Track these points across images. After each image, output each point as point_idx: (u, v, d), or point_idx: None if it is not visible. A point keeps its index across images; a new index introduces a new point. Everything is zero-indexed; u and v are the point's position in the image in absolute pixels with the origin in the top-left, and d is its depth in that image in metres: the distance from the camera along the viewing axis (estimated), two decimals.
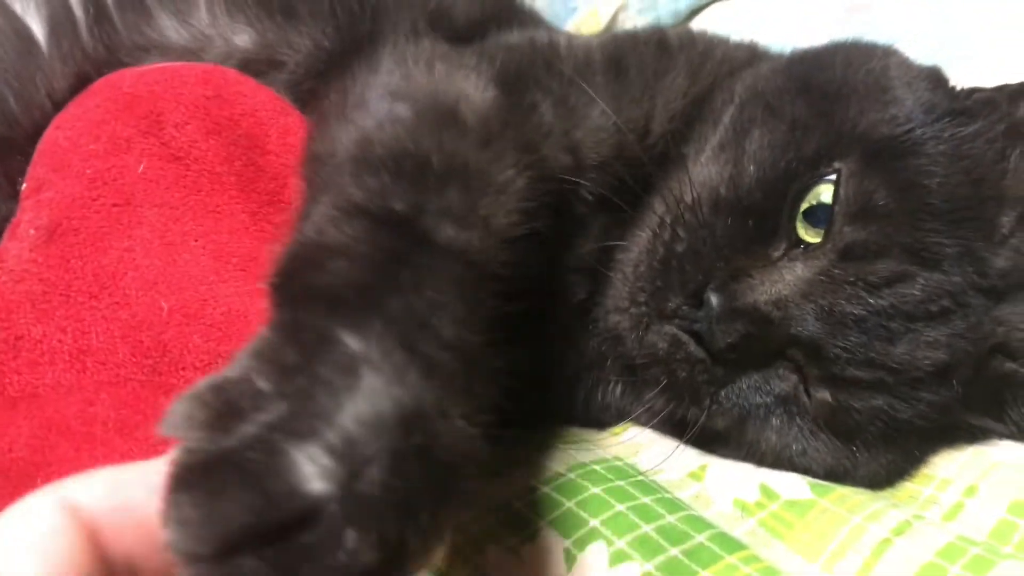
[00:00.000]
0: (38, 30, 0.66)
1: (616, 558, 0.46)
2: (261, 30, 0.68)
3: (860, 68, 0.59)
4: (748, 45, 0.74)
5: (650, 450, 0.61)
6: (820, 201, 0.53)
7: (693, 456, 0.60)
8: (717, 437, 0.59)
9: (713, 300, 0.52)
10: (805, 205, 0.54)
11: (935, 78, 0.61)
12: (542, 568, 0.46)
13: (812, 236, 0.54)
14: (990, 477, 0.55)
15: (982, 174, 0.55)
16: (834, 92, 0.57)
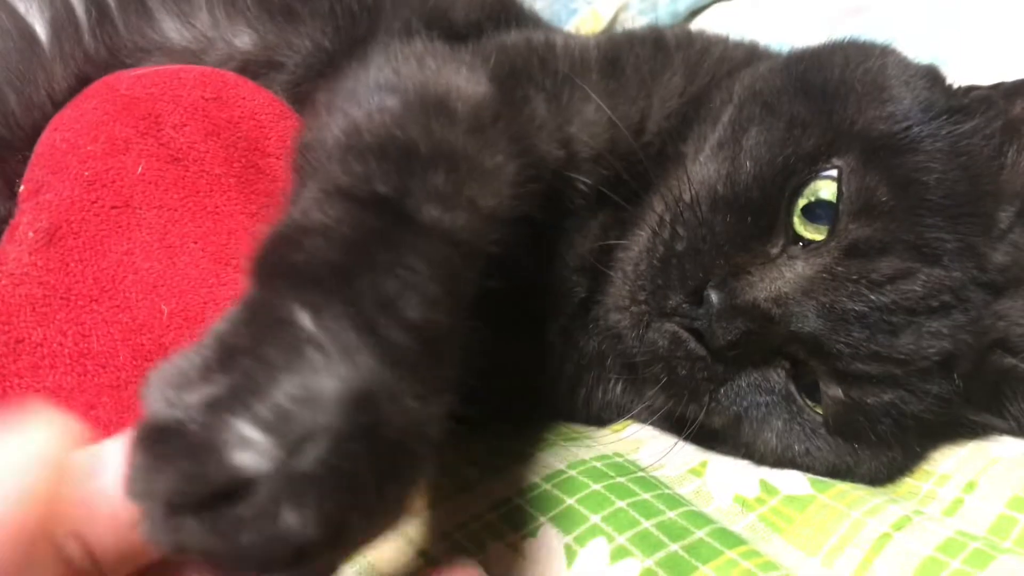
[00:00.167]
0: (40, 30, 0.66)
1: (617, 554, 0.46)
2: (262, 32, 0.68)
3: (858, 67, 0.59)
4: (747, 44, 0.74)
5: (650, 446, 0.61)
6: (819, 198, 0.54)
7: (693, 452, 0.60)
8: (716, 435, 0.59)
9: (713, 297, 0.52)
10: (803, 201, 0.54)
11: (932, 76, 0.61)
12: (543, 564, 0.46)
13: (810, 232, 0.54)
14: (989, 472, 0.55)
15: (979, 170, 0.55)
16: (832, 90, 0.57)
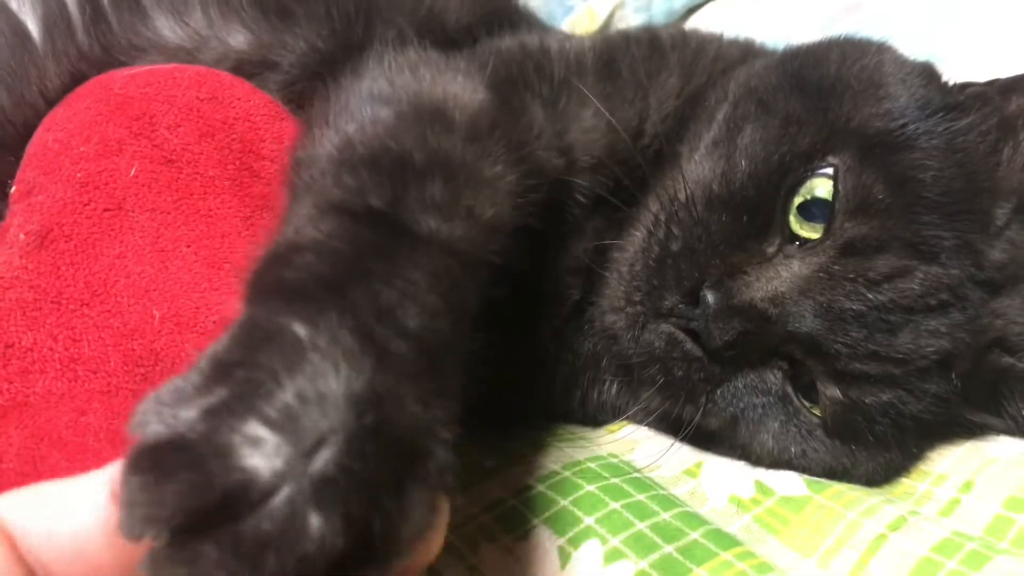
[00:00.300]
0: (33, 27, 0.65)
1: (610, 556, 0.46)
2: (256, 31, 0.68)
3: (854, 64, 0.59)
4: (743, 43, 0.74)
5: (646, 447, 0.61)
6: (815, 196, 0.53)
7: (689, 453, 0.60)
8: (712, 436, 0.58)
9: (709, 298, 0.52)
10: (799, 199, 0.54)
11: (928, 73, 0.61)
12: (536, 566, 0.46)
13: (806, 231, 0.54)
14: (986, 472, 0.55)
15: (976, 167, 0.55)
16: (828, 87, 0.57)
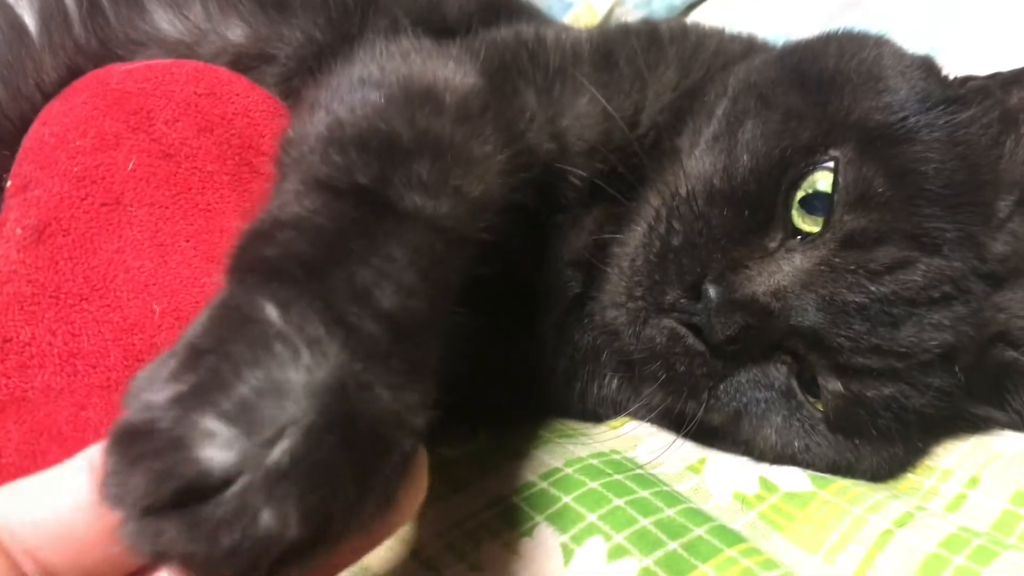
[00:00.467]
0: (30, 20, 0.65)
1: (614, 553, 0.45)
2: (254, 24, 0.68)
3: (853, 57, 0.59)
4: (744, 38, 0.74)
5: (648, 443, 0.61)
6: (816, 189, 0.53)
7: (691, 449, 0.59)
8: (715, 431, 0.58)
9: (711, 292, 0.51)
10: (801, 193, 0.53)
11: (928, 67, 0.61)
12: (539, 563, 0.46)
13: (809, 225, 0.53)
14: (992, 467, 0.55)
15: (977, 160, 0.55)
16: (828, 81, 0.57)
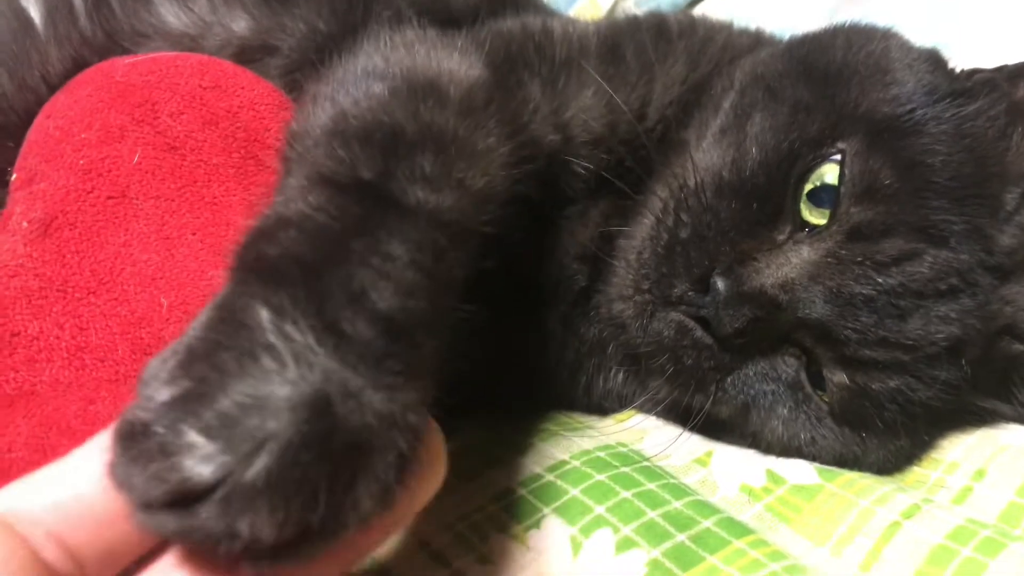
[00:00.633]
0: (35, 12, 0.65)
1: (622, 545, 0.45)
2: (257, 16, 0.68)
3: (861, 50, 0.59)
4: (752, 32, 0.74)
5: (654, 436, 0.61)
6: (824, 182, 0.53)
7: (698, 442, 0.59)
8: (722, 425, 0.58)
9: (720, 285, 0.51)
10: (809, 186, 0.53)
11: (935, 59, 0.60)
12: (547, 555, 0.46)
13: (817, 217, 0.53)
14: (998, 460, 0.55)
15: (985, 152, 0.55)
16: (835, 74, 0.57)
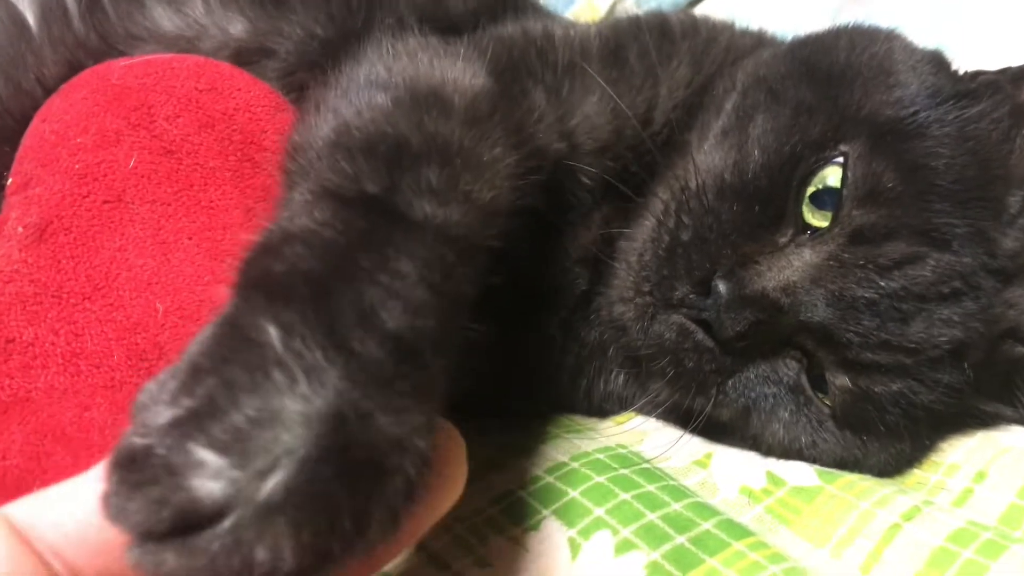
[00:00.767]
0: (30, 16, 0.65)
1: (621, 547, 0.45)
2: (253, 19, 0.67)
3: (864, 51, 0.58)
4: (755, 33, 0.73)
5: (654, 438, 0.60)
6: (827, 185, 0.53)
7: (698, 444, 0.59)
8: (723, 428, 0.58)
9: (721, 288, 0.51)
10: (811, 189, 0.53)
11: (938, 61, 0.60)
12: (546, 558, 0.45)
13: (819, 220, 0.53)
14: (999, 462, 0.55)
15: (988, 155, 0.54)
16: (838, 75, 0.57)
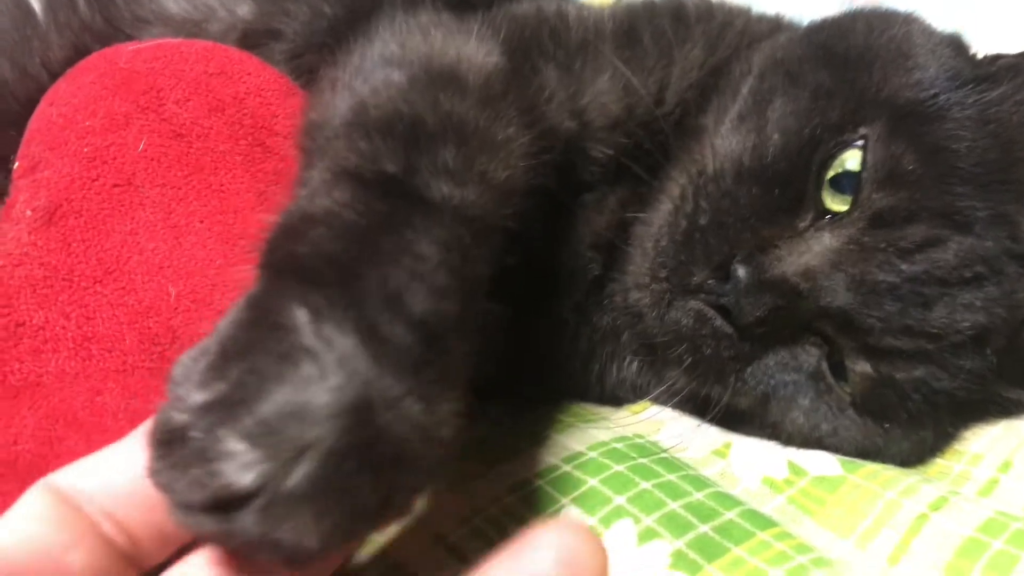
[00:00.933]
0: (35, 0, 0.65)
1: (644, 535, 0.44)
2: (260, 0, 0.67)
3: (882, 34, 0.58)
4: (771, 18, 0.73)
5: (671, 427, 0.60)
6: (846, 168, 0.52)
7: (716, 433, 0.58)
8: (741, 416, 0.57)
9: (740, 272, 0.50)
10: (831, 173, 0.52)
11: (957, 44, 0.60)
12: None
13: (839, 204, 0.52)
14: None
15: (1010, 138, 0.54)
16: (856, 58, 0.56)
